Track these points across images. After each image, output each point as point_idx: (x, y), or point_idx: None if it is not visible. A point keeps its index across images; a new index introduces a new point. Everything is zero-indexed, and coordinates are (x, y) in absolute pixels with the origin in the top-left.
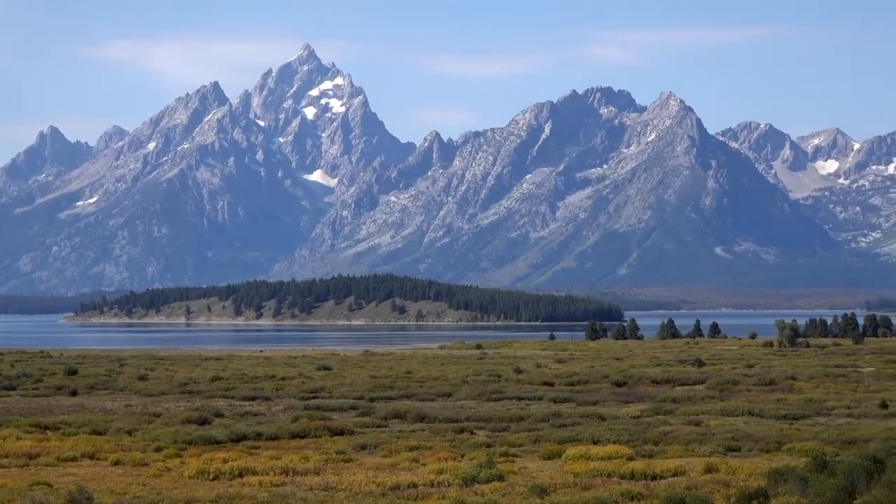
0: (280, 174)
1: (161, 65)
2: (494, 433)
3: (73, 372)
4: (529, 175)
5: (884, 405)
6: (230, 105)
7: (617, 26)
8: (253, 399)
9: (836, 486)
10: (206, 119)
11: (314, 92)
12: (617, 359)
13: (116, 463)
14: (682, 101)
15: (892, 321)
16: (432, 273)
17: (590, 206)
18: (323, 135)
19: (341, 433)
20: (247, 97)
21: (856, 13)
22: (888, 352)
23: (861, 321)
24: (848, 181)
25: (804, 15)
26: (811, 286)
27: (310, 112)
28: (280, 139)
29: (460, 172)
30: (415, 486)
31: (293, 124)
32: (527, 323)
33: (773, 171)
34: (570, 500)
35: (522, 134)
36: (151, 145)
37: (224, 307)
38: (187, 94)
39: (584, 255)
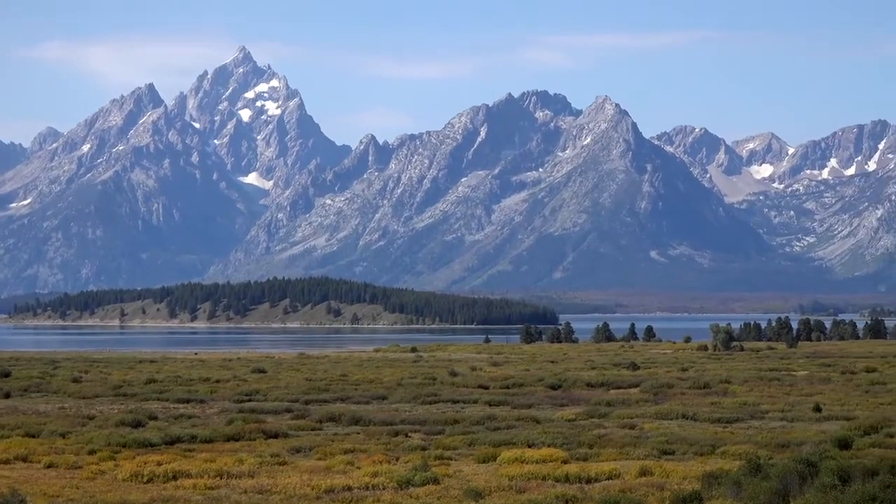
0: (215, 176)
1: (96, 66)
2: (429, 436)
3: (6, 374)
4: (465, 178)
5: (817, 408)
6: (165, 107)
7: (553, 30)
8: (187, 402)
9: (769, 489)
10: (141, 121)
11: (250, 94)
12: (552, 362)
13: (50, 466)
14: (617, 106)
15: (826, 325)
16: (368, 276)
17: (525, 209)
18: (258, 137)
19: (276, 436)
20: (182, 99)
21: (790, 19)
22: (822, 355)
23: (795, 325)
24: (782, 186)
25: (739, 20)
26: (745, 290)
27: (245, 114)
28: (215, 141)
29: (396, 175)
30: (349, 489)
31: (228, 126)
32: (462, 326)
33: (707, 176)
34: (504, 503)
35: (458, 137)
36: (86, 147)
37: (158, 309)
38: (122, 96)
39: (519, 258)
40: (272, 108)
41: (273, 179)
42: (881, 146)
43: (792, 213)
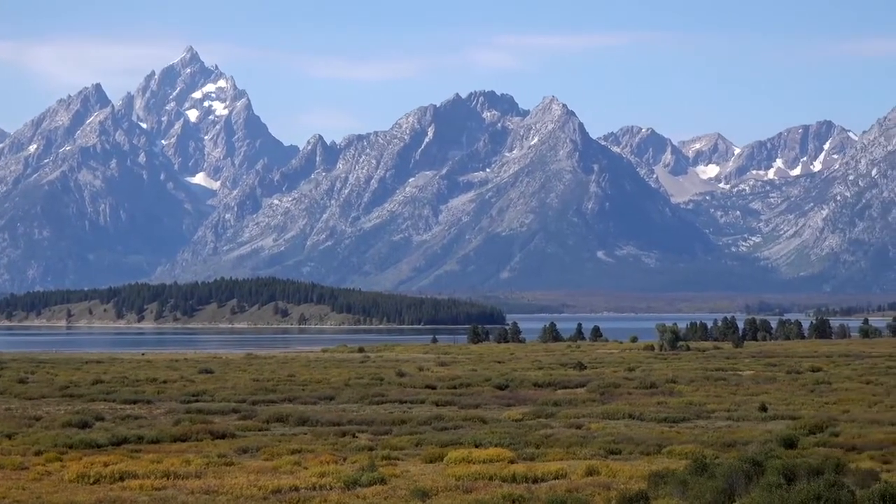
0: (162, 177)
1: (43, 66)
2: (376, 436)
3: None
4: (412, 178)
5: (763, 408)
6: (112, 107)
7: (500, 31)
8: (134, 402)
9: (715, 488)
10: (87, 121)
11: (197, 94)
12: (499, 362)
13: None
14: (564, 106)
15: (772, 325)
16: (315, 276)
17: (473, 209)
18: (206, 137)
19: (223, 436)
20: (129, 99)
21: (736, 21)
22: (767, 355)
23: (741, 325)
24: (728, 186)
25: (686, 21)
26: (692, 290)
27: (192, 114)
28: (163, 142)
29: (343, 175)
30: (296, 489)
31: (176, 127)
32: (409, 326)
33: (654, 176)
34: (451, 503)
35: (406, 137)
36: (32, 147)
37: (105, 310)
38: (69, 96)
39: (466, 258)
40: (220, 109)
41: (220, 180)
42: (826, 146)
43: (738, 213)
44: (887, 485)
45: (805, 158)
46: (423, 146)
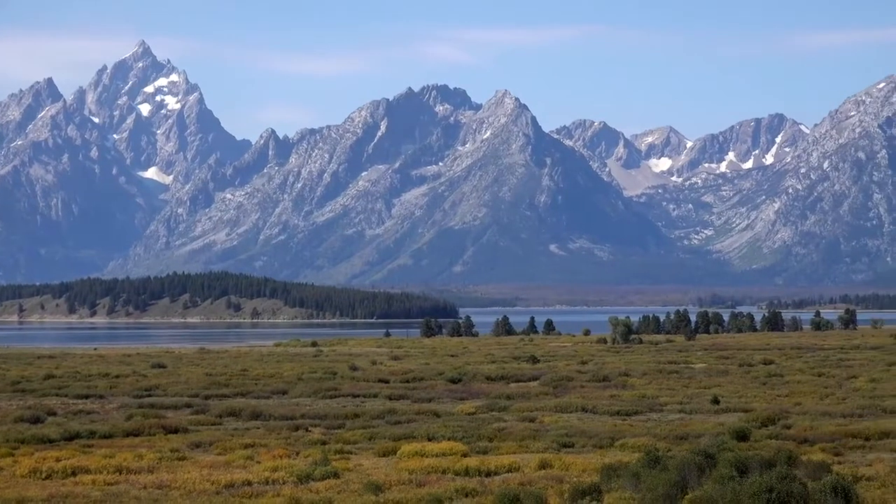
0: (115, 171)
1: None
2: (329, 430)
3: None
4: (365, 172)
5: (715, 401)
6: (64, 101)
7: (452, 25)
8: (86, 397)
9: (667, 481)
10: (39, 115)
11: (149, 89)
12: (452, 356)
13: None
14: (517, 100)
15: (724, 318)
16: (268, 271)
17: (425, 203)
18: (158, 132)
19: (176, 431)
20: (81, 94)
21: (689, 15)
22: (720, 348)
23: (693, 318)
24: (681, 179)
25: (638, 15)
26: (644, 283)
27: (145, 109)
28: (115, 136)
29: (296, 170)
30: (249, 483)
31: (128, 121)
32: (362, 320)
33: (607, 169)
34: (404, 497)
35: (358, 131)
36: None
37: (58, 305)
38: (20, 91)
39: (419, 252)
40: (172, 103)
41: (173, 174)
42: (778, 140)
43: (690, 206)
44: (839, 477)
45: (757, 151)
46: (375, 140)
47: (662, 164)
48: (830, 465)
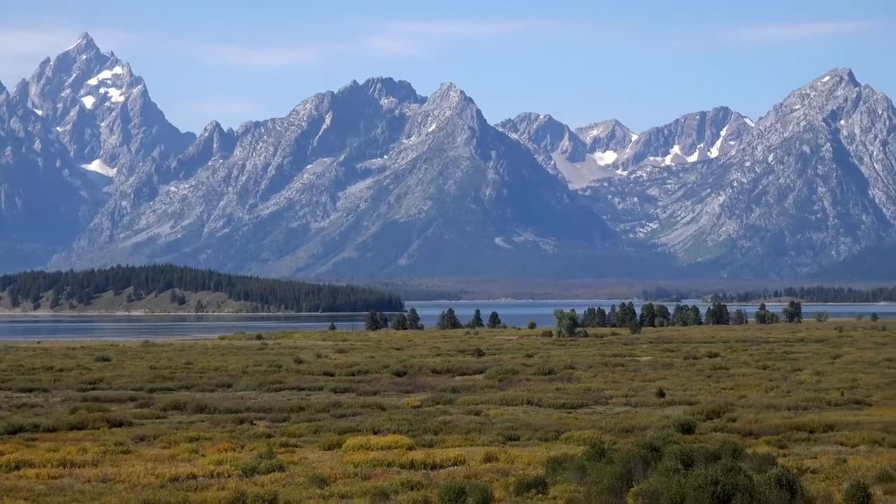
0: (58, 164)
1: None
2: (275, 424)
3: None
4: (310, 165)
5: (660, 393)
6: (7, 94)
7: (397, 17)
8: (30, 391)
9: (613, 473)
10: None
11: (93, 81)
12: (397, 349)
13: None
14: (462, 93)
15: (669, 311)
16: (213, 263)
17: (370, 196)
18: (102, 124)
19: (120, 424)
20: (24, 86)
21: (634, 8)
22: (665, 341)
23: (638, 311)
24: (626, 172)
25: (582, 8)
26: (590, 276)
27: (88, 101)
28: (58, 128)
29: (241, 163)
30: (194, 477)
31: (72, 114)
32: (307, 313)
33: (552, 163)
34: (350, 490)
35: (303, 124)
36: None
37: (0, 298)
38: None
39: (364, 245)
40: (116, 96)
41: (117, 167)
42: (723, 133)
43: (635, 199)
44: (784, 469)
45: (702, 145)
46: (320, 133)
47: (607, 157)
48: (775, 458)
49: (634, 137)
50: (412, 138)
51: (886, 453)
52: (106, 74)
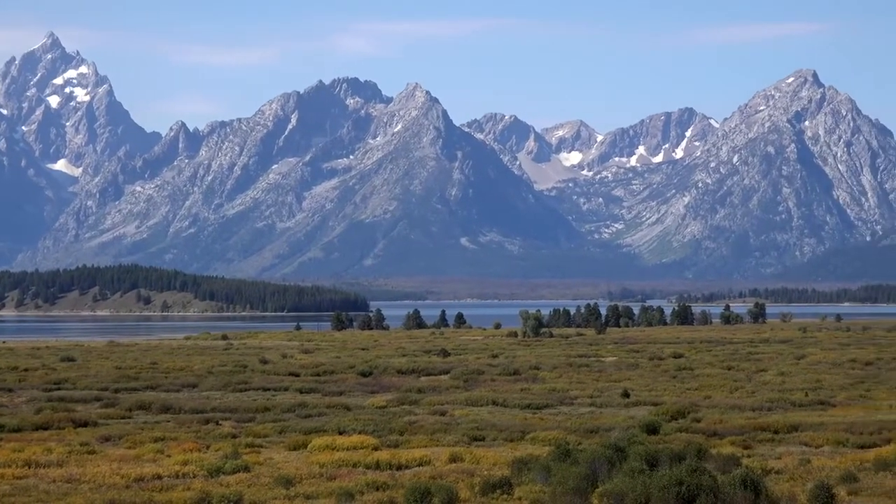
0: (23, 163)
1: None
2: (240, 424)
3: None
4: (276, 165)
5: (625, 394)
6: None
7: (363, 17)
8: None
9: (578, 474)
10: None
11: (58, 80)
12: (363, 349)
13: None
14: (428, 93)
15: (634, 311)
16: (178, 263)
17: (336, 196)
18: (67, 124)
19: (85, 425)
20: None
21: (599, 8)
22: (630, 341)
23: (603, 311)
24: (591, 173)
25: (549, 9)
26: (555, 277)
27: (54, 101)
28: (23, 128)
29: (206, 163)
30: (159, 477)
31: (37, 113)
32: (273, 313)
33: (517, 163)
34: (315, 490)
35: (269, 124)
36: None
37: None
38: None
39: (330, 245)
40: (81, 95)
41: (82, 166)
42: (688, 134)
43: (601, 200)
44: (748, 470)
45: (667, 146)
46: (286, 133)
47: (573, 157)
48: (740, 459)
49: (600, 138)
50: (378, 138)
51: (850, 454)
52: (71, 74)
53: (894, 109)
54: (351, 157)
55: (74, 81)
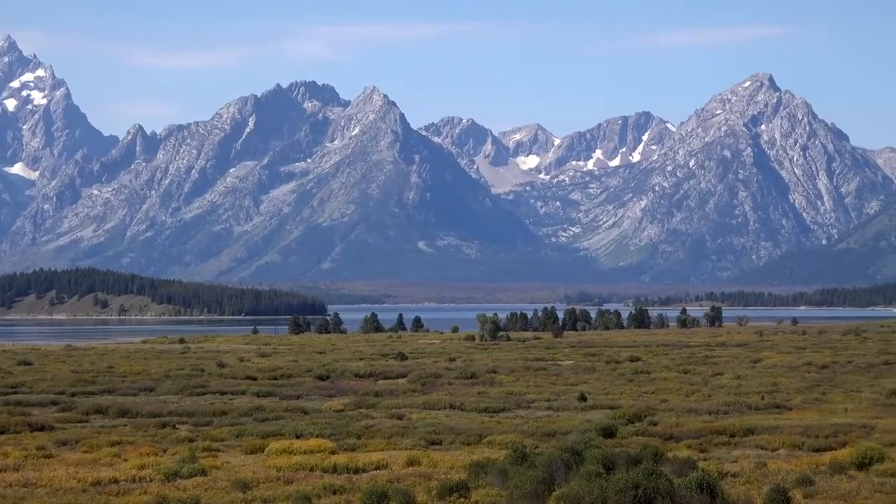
0: None
1: None
2: (197, 428)
3: None
4: (233, 169)
5: (582, 397)
6: None
7: (320, 21)
8: None
9: (535, 477)
10: None
11: (15, 83)
12: (320, 353)
13: None
14: (385, 96)
15: (591, 315)
16: (135, 267)
17: (294, 200)
18: (24, 127)
19: (42, 429)
20: None
21: (556, 11)
22: (587, 345)
23: (561, 315)
24: (548, 176)
25: (505, 12)
26: (512, 280)
27: (10, 104)
28: None
29: (164, 166)
30: (116, 481)
31: None
32: (230, 317)
33: (475, 167)
34: (272, 494)
35: (226, 128)
36: None
37: None
38: None
39: (287, 249)
40: (38, 98)
41: (39, 170)
42: (645, 137)
43: (558, 203)
44: (704, 473)
45: (624, 149)
46: (244, 136)
47: (530, 161)
48: (696, 462)
49: (557, 142)
50: (335, 142)
51: (806, 457)
52: (28, 77)
53: (850, 113)
54: (308, 160)
55: (31, 84)
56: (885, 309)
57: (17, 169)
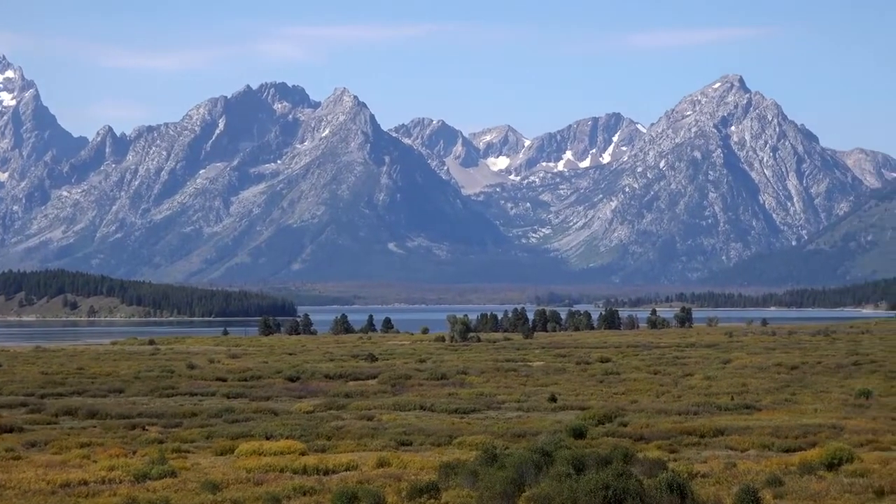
0: None
1: None
2: (167, 429)
3: None
4: (203, 170)
5: (553, 398)
6: None
7: (289, 22)
8: None
9: (505, 478)
10: None
11: None
12: (290, 354)
13: None
14: (355, 98)
15: (561, 316)
16: (105, 268)
17: (263, 201)
18: None
19: (10, 430)
20: None
21: (525, 13)
22: (557, 346)
23: (531, 316)
24: (519, 178)
25: (475, 14)
26: (483, 281)
27: None
28: None
29: (133, 167)
30: (86, 483)
31: None
32: (200, 318)
33: (445, 168)
34: (242, 495)
35: (196, 129)
36: None
37: None
38: None
39: (257, 250)
40: (7, 99)
41: (8, 171)
42: (615, 139)
43: (528, 204)
44: (674, 474)
45: (594, 150)
46: (213, 138)
47: (500, 162)
48: (666, 462)
49: (527, 143)
50: (306, 143)
51: (775, 457)
52: None
53: (820, 114)
54: (279, 161)
55: (0, 86)
56: (854, 310)
57: None
